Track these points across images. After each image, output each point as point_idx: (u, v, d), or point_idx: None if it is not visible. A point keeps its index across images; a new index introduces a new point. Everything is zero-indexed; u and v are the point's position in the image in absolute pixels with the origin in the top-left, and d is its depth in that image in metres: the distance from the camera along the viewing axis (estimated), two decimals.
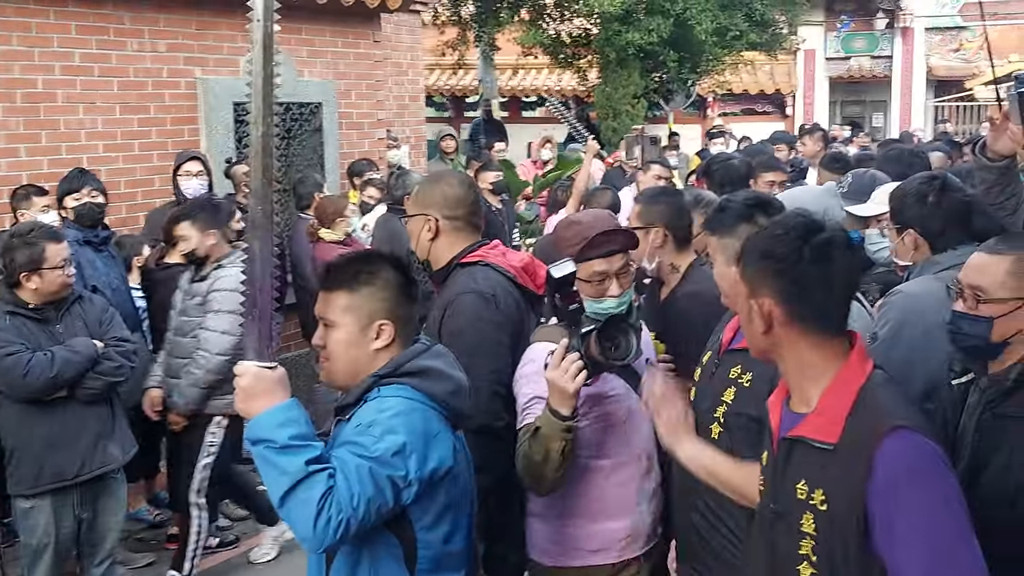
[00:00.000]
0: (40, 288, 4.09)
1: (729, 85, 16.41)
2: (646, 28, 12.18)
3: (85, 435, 4.18)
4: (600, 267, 2.79)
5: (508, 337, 3.02)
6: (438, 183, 3.24)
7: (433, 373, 2.36)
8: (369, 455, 2.18)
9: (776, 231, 1.97)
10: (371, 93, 8.48)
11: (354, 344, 2.35)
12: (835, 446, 1.84)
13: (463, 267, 3.14)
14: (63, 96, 6.16)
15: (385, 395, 2.29)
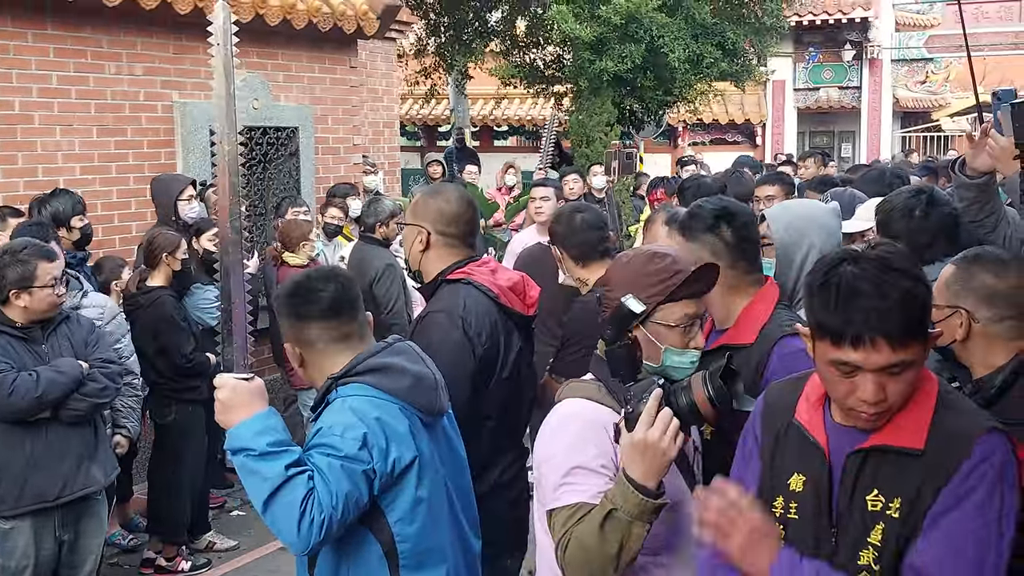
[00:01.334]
0: (29, 306, 4.04)
1: (700, 114, 16.58)
2: (619, 55, 12.30)
3: (68, 456, 4.13)
4: (691, 309, 2.30)
5: (474, 360, 3.03)
6: (436, 197, 3.25)
7: (390, 369, 2.43)
8: (338, 453, 2.26)
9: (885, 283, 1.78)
10: (347, 118, 8.53)
11: (304, 358, 2.52)
12: (922, 451, 1.81)
13: (448, 283, 3.16)
14: (40, 118, 6.15)
15: (343, 395, 2.38)
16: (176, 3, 6.51)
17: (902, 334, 1.73)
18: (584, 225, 3.67)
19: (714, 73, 13.67)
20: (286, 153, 7.88)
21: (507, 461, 3.26)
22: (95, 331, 4.39)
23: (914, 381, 1.82)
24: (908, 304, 1.74)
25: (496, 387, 3.12)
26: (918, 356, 1.78)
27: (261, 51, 7.56)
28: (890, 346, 1.73)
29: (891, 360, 1.74)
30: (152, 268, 5.43)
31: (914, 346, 1.75)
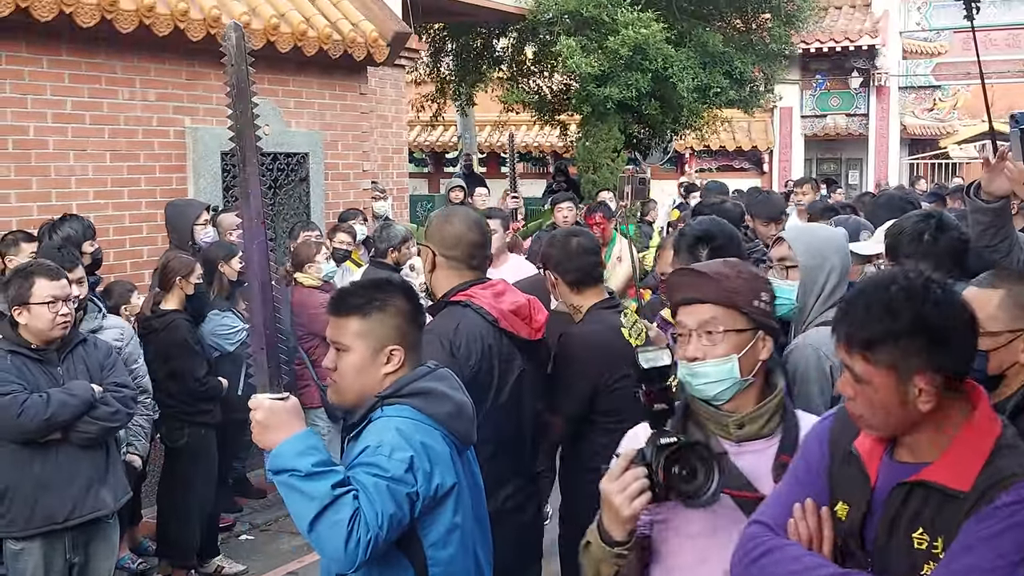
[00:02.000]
0: (29, 324, 4.05)
1: (707, 141, 16.64)
2: (624, 83, 12.36)
3: (78, 479, 4.14)
4: (685, 319, 2.31)
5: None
6: (445, 219, 3.32)
7: (434, 394, 2.43)
8: (385, 474, 2.26)
9: (895, 301, 1.79)
10: (357, 144, 8.59)
11: (365, 368, 2.43)
12: (965, 494, 1.75)
13: (451, 305, 3.19)
14: (54, 143, 6.22)
15: (388, 415, 2.37)
16: (189, 30, 6.59)
17: (859, 343, 1.80)
18: (580, 250, 3.64)
19: (722, 100, 13.73)
20: (296, 179, 7.94)
21: (512, 487, 3.26)
22: (112, 355, 4.41)
23: (878, 402, 1.81)
24: (875, 314, 1.79)
25: (493, 412, 3.10)
26: (874, 376, 1.79)
27: (272, 77, 7.64)
28: (847, 351, 1.82)
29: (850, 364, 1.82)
30: (166, 291, 5.47)
31: (870, 361, 1.79)
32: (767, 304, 2.30)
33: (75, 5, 5.90)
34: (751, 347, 2.25)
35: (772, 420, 2.25)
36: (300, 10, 7.63)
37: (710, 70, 12.97)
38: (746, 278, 2.30)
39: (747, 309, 2.25)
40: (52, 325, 4.09)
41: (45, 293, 4.05)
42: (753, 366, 2.25)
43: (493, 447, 3.11)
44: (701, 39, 12.89)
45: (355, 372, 2.43)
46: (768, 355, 2.28)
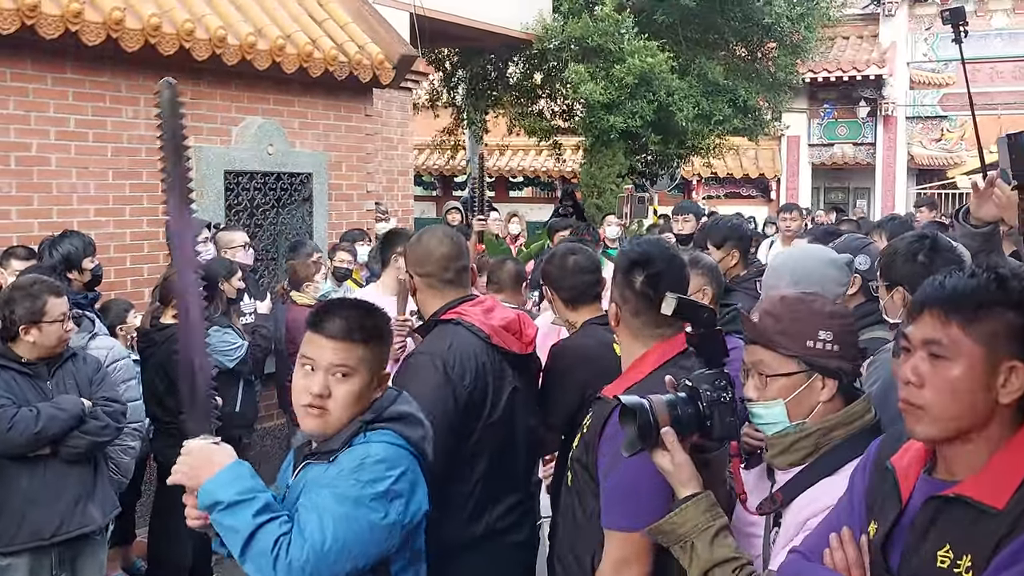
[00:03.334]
0: (38, 341, 4.08)
1: (713, 168, 16.67)
2: (629, 112, 12.42)
3: (65, 494, 4.12)
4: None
5: (455, 404, 3.01)
6: (418, 240, 3.30)
7: (409, 418, 2.42)
8: (352, 500, 2.21)
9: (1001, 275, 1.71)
10: (361, 165, 8.60)
11: (364, 395, 2.37)
12: (1000, 512, 1.66)
13: (441, 324, 3.17)
14: (56, 160, 6.23)
15: (372, 440, 2.32)
16: (194, 50, 6.61)
17: (951, 310, 1.69)
18: (577, 268, 3.63)
19: (726, 129, 13.78)
20: (299, 198, 7.94)
21: (507, 505, 3.23)
22: (101, 369, 4.41)
23: (952, 389, 1.69)
24: (974, 286, 1.70)
25: (486, 429, 3.10)
26: (959, 352, 1.68)
27: (277, 97, 7.66)
28: (932, 319, 1.71)
29: (928, 335, 1.70)
30: (166, 306, 5.46)
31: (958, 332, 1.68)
32: (829, 343, 2.19)
33: (81, 23, 5.93)
34: (804, 390, 2.19)
35: (810, 455, 2.19)
36: (306, 31, 7.66)
37: (713, 98, 13.03)
38: (801, 317, 2.21)
39: (795, 352, 2.18)
40: (60, 341, 4.16)
41: (57, 311, 4.11)
42: (808, 410, 2.19)
43: (487, 464, 3.12)
44: (703, 69, 12.96)
45: (356, 398, 2.35)
46: (830, 397, 2.19)
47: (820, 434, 2.18)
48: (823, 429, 2.18)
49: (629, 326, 2.53)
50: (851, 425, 2.18)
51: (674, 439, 2.13)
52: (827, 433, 2.18)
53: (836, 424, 2.18)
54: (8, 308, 4.07)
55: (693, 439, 2.18)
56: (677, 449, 2.13)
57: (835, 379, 2.20)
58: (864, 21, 22.03)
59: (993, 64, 21.01)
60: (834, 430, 2.18)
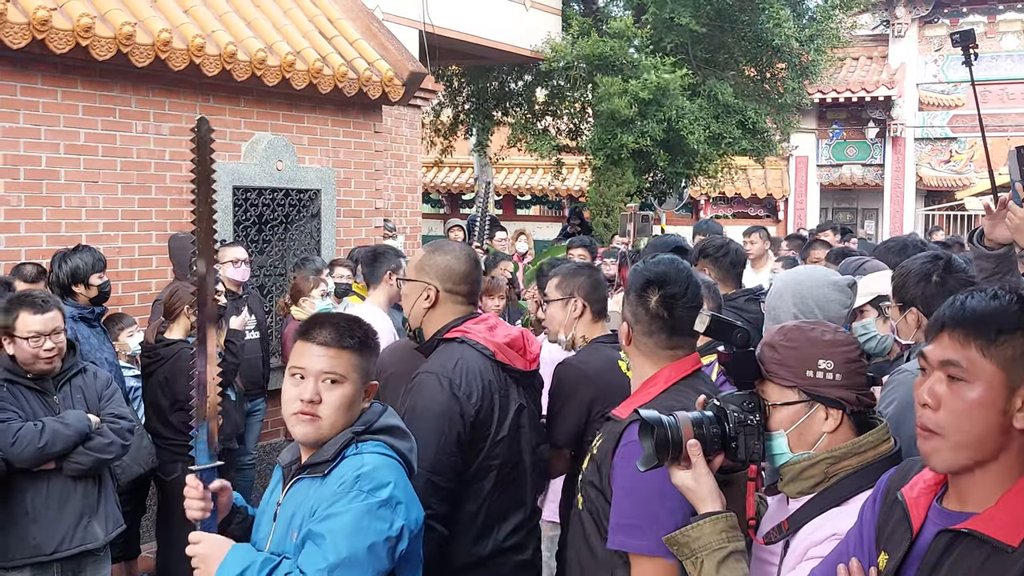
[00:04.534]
0: (16, 355, 4.08)
1: (721, 188, 16.65)
2: (640, 131, 12.44)
3: (68, 510, 4.10)
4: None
5: (463, 422, 2.97)
6: (444, 253, 3.20)
7: (397, 431, 2.47)
8: (359, 512, 2.25)
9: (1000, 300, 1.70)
10: (370, 182, 8.60)
11: (353, 403, 2.43)
12: (1015, 549, 1.61)
13: (445, 342, 3.12)
14: (66, 174, 6.24)
15: (364, 451, 2.36)
16: (204, 65, 6.63)
17: (967, 330, 1.66)
18: (604, 284, 3.77)
19: (735, 149, 13.80)
20: (308, 214, 7.94)
21: (513, 524, 3.20)
22: (112, 384, 4.39)
23: (968, 413, 1.65)
24: (992, 309, 1.68)
25: (493, 447, 3.06)
26: (977, 374, 1.65)
27: (287, 114, 7.67)
28: (949, 339, 1.68)
29: (944, 356, 1.67)
30: (171, 321, 5.44)
31: (974, 354, 1.65)
32: (830, 372, 2.14)
33: (91, 38, 5.94)
34: (805, 421, 2.15)
35: (820, 483, 2.14)
36: (316, 48, 7.68)
37: (723, 120, 13.05)
38: (799, 347, 2.17)
39: (793, 382, 2.15)
40: (35, 359, 4.10)
41: (27, 328, 4.06)
42: (813, 440, 2.15)
43: (493, 483, 3.08)
44: (713, 90, 12.99)
45: (347, 406, 2.40)
46: (835, 427, 2.14)
47: (828, 463, 2.13)
48: (832, 458, 2.14)
49: (641, 346, 2.50)
50: (863, 455, 2.14)
51: (699, 452, 2.10)
52: (836, 462, 2.14)
53: (846, 453, 2.13)
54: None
55: (717, 460, 2.15)
56: (700, 463, 2.09)
57: (838, 408, 2.15)
58: (874, 42, 22.06)
59: (1004, 86, 21.01)
60: (844, 459, 2.13)
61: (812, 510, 2.13)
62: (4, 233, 5.91)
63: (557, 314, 3.78)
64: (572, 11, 14.57)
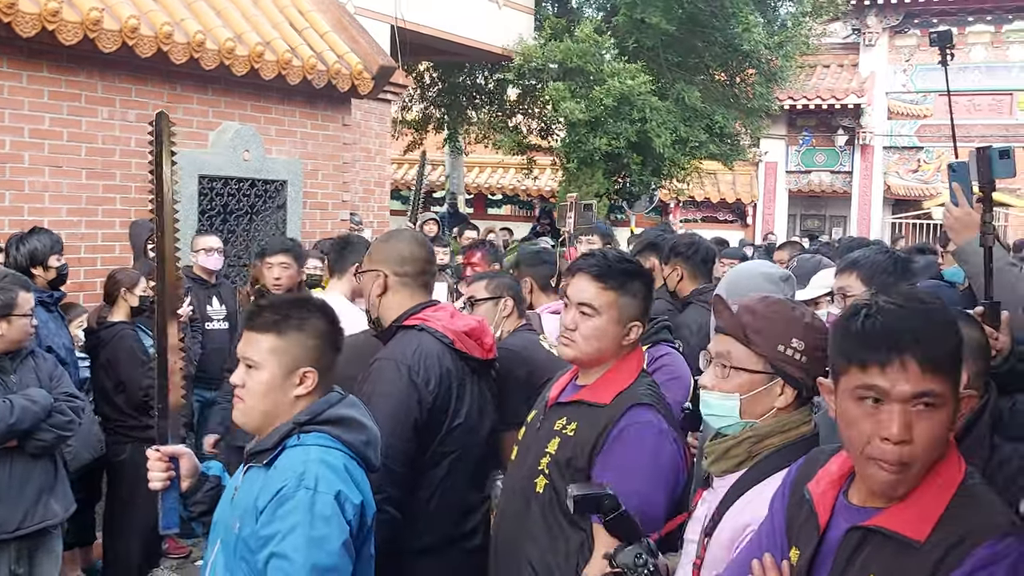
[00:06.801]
0: (6, 335, 4.08)
1: (689, 192, 16.77)
2: (613, 132, 12.52)
3: (29, 488, 4.12)
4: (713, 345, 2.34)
5: (420, 409, 3.00)
6: (391, 239, 3.28)
7: (349, 422, 2.38)
8: (309, 519, 2.19)
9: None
10: (337, 175, 8.62)
11: (274, 388, 2.35)
12: (921, 544, 1.64)
13: (403, 329, 3.14)
14: (30, 158, 6.22)
15: (306, 443, 2.30)
16: (172, 53, 6.62)
17: (932, 358, 1.62)
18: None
19: (702, 153, 13.90)
20: (274, 205, 7.95)
21: (466, 509, 3.22)
22: (58, 367, 4.40)
23: (941, 436, 1.66)
24: (940, 329, 1.65)
25: (448, 435, 3.09)
26: (947, 397, 1.64)
27: (255, 104, 7.68)
28: (919, 369, 1.61)
29: (919, 388, 1.61)
30: (111, 304, 5.48)
31: (944, 380, 1.63)
32: (799, 352, 2.18)
33: (58, 23, 5.93)
34: (762, 391, 2.18)
35: (745, 461, 2.19)
36: (286, 39, 7.69)
37: (691, 124, 13.15)
38: (778, 320, 2.20)
39: (765, 352, 2.18)
40: (26, 335, 4.18)
41: (26, 305, 4.13)
42: (761, 412, 2.19)
43: (448, 469, 3.10)
44: (681, 94, 13.09)
45: (264, 391, 2.34)
46: (786, 405, 2.19)
47: (752, 441, 2.18)
48: (756, 436, 2.18)
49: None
50: (787, 433, 2.18)
51: None
52: (760, 440, 2.18)
53: (771, 432, 2.18)
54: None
55: None
56: None
57: (795, 388, 2.19)
58: (845, 50, 22.27)
59: (971, 97, 21.27)
60: (768, 437, 2.18)
61: (737, 491, 2.17)
62: None
63: (488, 313, 3.92)
64: (545, 11, 14.64)
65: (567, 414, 2.61)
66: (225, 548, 2.36)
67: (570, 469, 2.51)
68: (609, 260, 2.66)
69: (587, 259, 2.69)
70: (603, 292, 2.61)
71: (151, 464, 2.52)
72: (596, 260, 2.66)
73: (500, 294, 3.92)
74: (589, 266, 2.64)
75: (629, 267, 2.69)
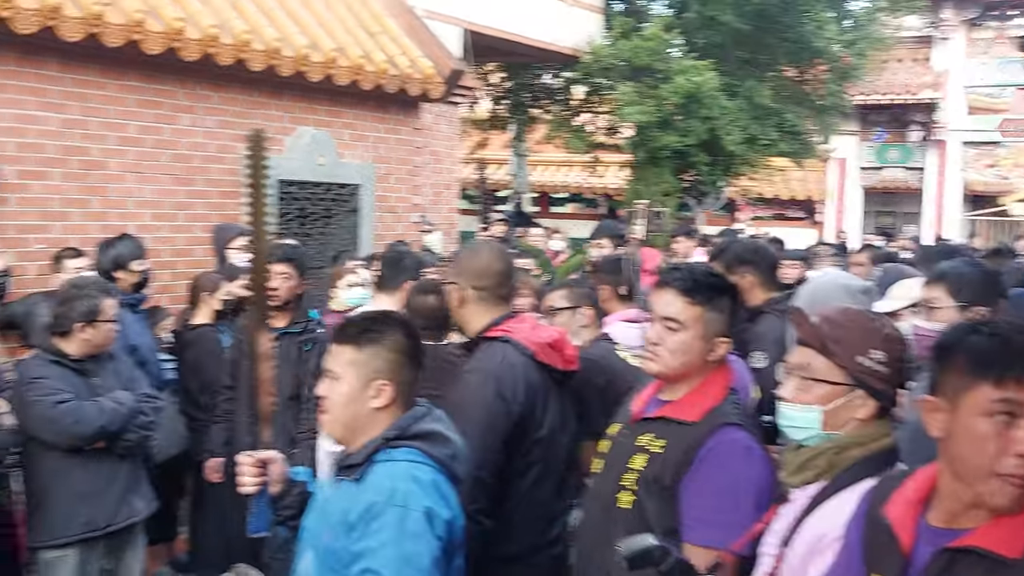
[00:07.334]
0: (91, 339, 4.23)
1: (759, 190, 16.61)
2: (683, 131, 12.47)
3: (115, 487, 4.27)
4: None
5: (508, 421, 3.03)
6: (469, 253, 3.35)
7: (436, 436, 2.41)
8: (402, 537, 2.23)
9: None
10: (408, 178, 8.73)
11: (354, 399, 2.41)
12: (1017, 562, 1.62)
13: (487, 341, 3.18)
14: (115, 165, 6.42)
15: (395, 458, 2.35)
16: (250, 61, 6.78)
17: None
18: None
19: (772, 152, 13.76)
20: (347, 209, 8.08)
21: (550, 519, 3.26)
22: (135, 369, 4.59)
23: None
24: None
25: (533, 446, 3.13)
26: None
27: (329, 109, 7.82)
28: None
29: None
30: (194, 307, 5.66)
31: None
32: (879, 364, 2.17)
33: (143, 33, 6.11)
34: (843, 403, 2.18)
35: (824, 473, 2.18)
36: (359, 44, 7.82)
37: (761, 122, 13.02)
38: (857, 331, 2.20)
39: (845, 363, 2.17)
40: (110, 340, 4.34)
41: (110, 311, 4.29)
42: (841, 424, 2.18)
43: (532, 480, 3.15)
44: (751, 92, 12.97)
45: (343, 402, 2.41)
46: (866, 416, 2.18)
47: (832, 452, 2.18)
48: (836, 447, 2.18)
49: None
50: (867, 445, 2.17)
51: None
52: (840, 452, 2.18)
53: (851, 443, 2.18)
54: (67, 306, 4.23)
55: None
56: None
57: (876, 400, 2.18)
58: (919, 44, 21.83)
59: None
60: (848, 449, 2.17)
61: (815, 503, 2.16)
62: (58, 221, 6.10)
63: (566, 322, 3.96)
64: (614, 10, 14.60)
65: (653, 430, 2.59)
66: (316, 557, 2.42)
67: (657, 486, 2.50)
68: (696, 274, 2.65)
69: (673, 273, 2.70)
70: (689, 307, 2.58)
71: (243, 468, 2.60)
72: (683, 274, 2.66)
73: (578, 303, 3.97)
74: (675, 280, 2.63)
75: (716, 282, 2.67)
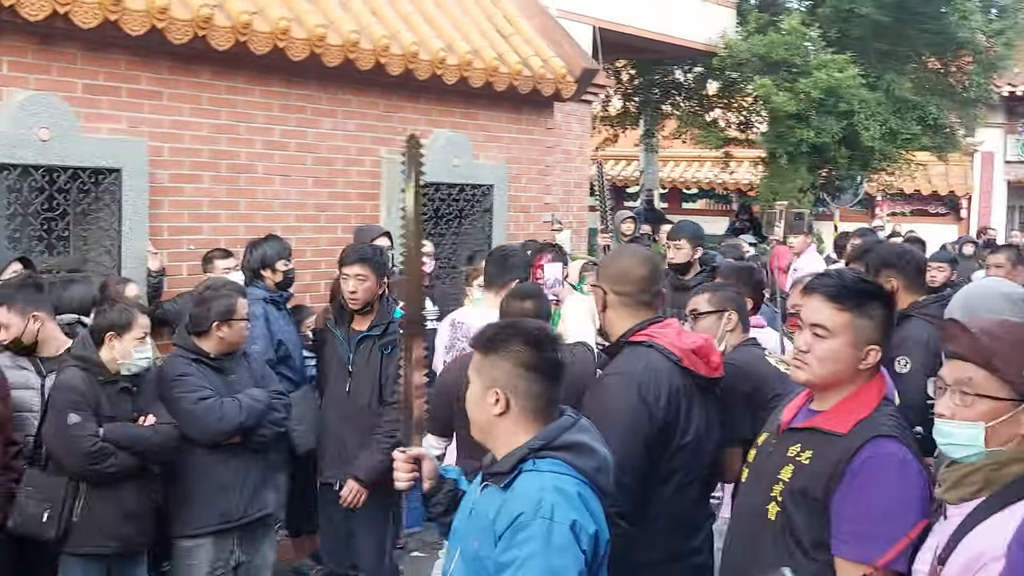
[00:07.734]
0: (227, 337, 4.43)
1: (899, 185, 16.05)
2: (819, 127, 12.19)
3: (249, 481, 4.48)
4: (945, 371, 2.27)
5: (651, 425, 3.02)
6: (615, 257, 3.39)
7: (582, 448, 2.42)
8: (546, 548, 2.24)
9: None
10: (540, 178, 8.77)
11: (477, 404, 2.50)
12: None
13: (631, 345, 3.18)
14: (262, 168, 6.65)
15: (541, 468, 2.36)
16: (389, 65, 6.93)
17: None
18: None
19: (914, 146, 13.31)
20: (480, 209, 8.17)
21: (692, 526, 3.26)
22: (265, 366, 4.77)
23: None
24: None
25: (677, 453, 3.11)
26: None
27: (464, 111, 7.92)
28: None
29: None
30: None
31: None
32: None
33: (288, 40, 6.31)
34: (1008, 419, 2.12)
35: (983, 489, 2.13)
36: (493, 46, 7.89)
37: (902, 115, 12.61)
38: (1019, 345, 2.14)
39: (1010, 377, 2.12)
40: (243, 338, 4.54)
41: (244, 310, 4.48)
42: (1007, 440, 2.13)
43: (675, 487, 3.13)
44: (891, 85, 12.58)
45: (471, 406, 2.52)
46: None
47: (991, 468, 2.12)
48: (995, 463, 2.12)
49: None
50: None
51: None
52: (1000, 468, 2.11)
53: (1011, 459, 2.11)
54: (205, 306, 4.43)
55: None
56: None
57: None
58: None
59: None
60: (1008, 465, 2.11)
61: (974, 519, 2.11)
62: (207, 223, 6.36)
63: (710, 327, 3.93)
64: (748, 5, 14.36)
65: (801, 440, 2.55)
66: (463, 561, 2.47)
67: (805, 499, 2.47)
68: (845, 280, 2.59)
69: (822, 279, 2.65)
70: (838, 313, 2.53)
71: (397, 465, 2.67)
72: (832, 280, 2.61)
73: (723, 307, 3.92)
74: (824, 286, 2.59)
75: (867, 287, 2.60)
